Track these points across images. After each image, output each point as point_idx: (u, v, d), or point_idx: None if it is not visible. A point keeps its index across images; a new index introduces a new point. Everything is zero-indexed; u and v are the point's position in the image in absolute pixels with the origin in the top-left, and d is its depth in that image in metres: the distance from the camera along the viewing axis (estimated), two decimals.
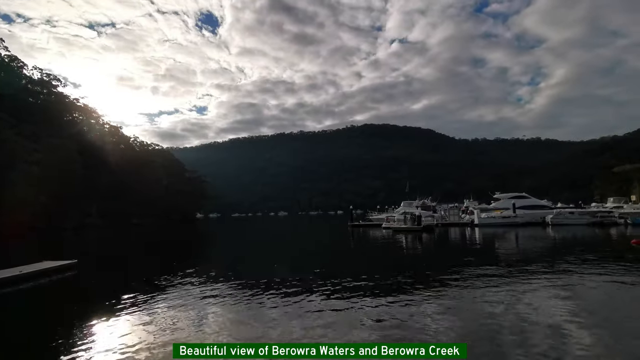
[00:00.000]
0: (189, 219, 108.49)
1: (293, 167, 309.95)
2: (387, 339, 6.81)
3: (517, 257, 18.60)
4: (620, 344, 6.46)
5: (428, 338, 6.80)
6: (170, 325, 8.10)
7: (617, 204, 54.91)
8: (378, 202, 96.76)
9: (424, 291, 10.80)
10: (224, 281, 13.30)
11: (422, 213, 42.92)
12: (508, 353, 6.06)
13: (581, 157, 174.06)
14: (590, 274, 12.82)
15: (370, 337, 6.95)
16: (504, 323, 7.70)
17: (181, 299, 10.69)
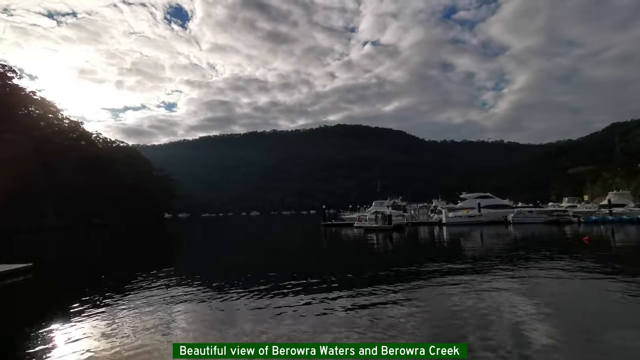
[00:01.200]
0: (156, 219, 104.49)
1: (266, 167, 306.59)
2: (360, 338, 6.86)
3: (481, 254, 19.39)
4: (570, 331, 6.90)
5: (400, 335, 6.94)
6: (133, 330, 7.73)
7: (571, 203, 58.67)
8: (350, 202, 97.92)
9: (393, 289, 10.99)
10: (190, 283, 12.89)
11: (392, 212, 43.81)
12: (473, 344, 6.28)
13: (540, 160, 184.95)
14: (546, 269, 13.61)
15: (341, 336, 6.98)
16: (470, 316, 8.01)
17: (145, 301, 10.25)
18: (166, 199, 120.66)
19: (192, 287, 12.22)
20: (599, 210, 45.72)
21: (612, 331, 7.05)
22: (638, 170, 74.72)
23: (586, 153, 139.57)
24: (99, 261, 22.67)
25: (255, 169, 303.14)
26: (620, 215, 41.28)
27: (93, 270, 18.53)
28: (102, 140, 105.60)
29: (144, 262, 20.78)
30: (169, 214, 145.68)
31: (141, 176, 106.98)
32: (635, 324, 7.43)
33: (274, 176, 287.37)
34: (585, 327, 7.30)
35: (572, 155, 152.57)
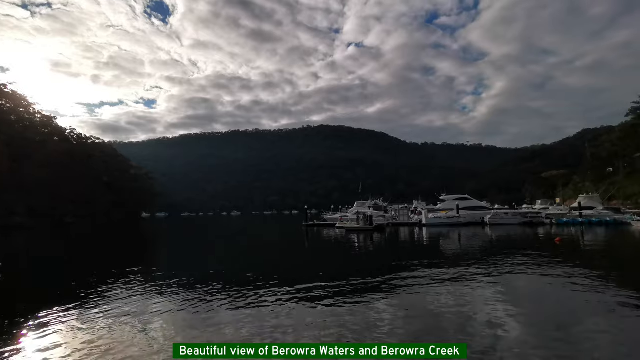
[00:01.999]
0: (132, 218, 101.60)
1: (248, 166, 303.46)
2: (340, 338, 6.95)
3: (460, 254, 19.91)
4: (541, 326, 7.22)
5: (380, 334, 7.07)
6: (106, 334, 7.53)
7: (544, 206, 60.95)
8: (333, 203, 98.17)
9: (374, 289, 11.16)
10: (165, 285, 12.65)
11: (373, 213, 44.30)
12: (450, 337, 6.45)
13: (515, 163, 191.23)
14: (520, 269, 14.14)
15: (320, 337, 7.06)
16: (448, 314, 8.26)
17: (121, 303, 10.01)
18: (144, 198, 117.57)
19: (168, 289, 12.01)
20: (569, 213, 47.71)
21: (580, 325, 7.46)
22: (606, 174, 78.52)
23: (559, 157, 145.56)
24: (67, 262, 21.87)
25: (237, 168, 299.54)
26: (590, 217, 43.21)
27: (60, 271, 17.88)
28: (76, 136, 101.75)
29: (110, 263, 20.19)
30: (146, 213, 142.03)
31: (118, 174, 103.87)
32: (600, 319, 7.85)
33: (256, 176, 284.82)
34: (555, 323, 7.64)
35: (545, 159, 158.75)
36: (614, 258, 18.72)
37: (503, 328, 7.29)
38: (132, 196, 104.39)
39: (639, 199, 56.06)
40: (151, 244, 36.37)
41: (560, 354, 6.03)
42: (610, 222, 40.55)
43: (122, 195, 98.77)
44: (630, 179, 67.92)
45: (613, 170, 77.41)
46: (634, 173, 68.38)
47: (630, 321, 7.76)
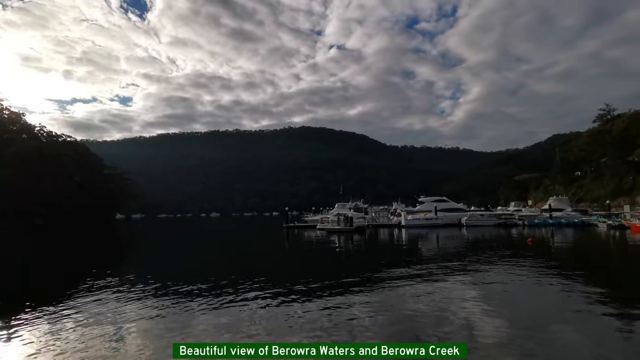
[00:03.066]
0: (106, 220, 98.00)
1: (228, 167, 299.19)
2: (320, 338, 6.91)
3: (437, 255, 20.29)
4: (514, 323, 7.44)
5: (360, 335, 7.09)
6: (80, 340, 7.19)
7: (517, 207, 63.12)
8: (314, 204, 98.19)
9: (354, 289, 11.19)
10: (142, 289, 12.24)
11: (354, 215, 44.62)
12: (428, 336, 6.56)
13: (490, 166, 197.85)
14: (495, 268, 14.57)
15: (302, 338, 7.00)
16: (427, 313, 8.40)
17: (92, 309, 9.60)
18: (118, 199, 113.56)
19: (141, 293, 11.63)
20: (540, 214, 49.66)
21: (551, 321, 7.73)
22: (575, 178, 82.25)
23: (531, 161, 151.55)
24: (34, 266, 20.83)
25: (217, 169, 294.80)
26: (559, 219, 45.14)
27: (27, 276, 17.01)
28: (46, 134, 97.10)
29: (80, 267, 19.40)
30: (121, 215, 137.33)
31: (90, 174, 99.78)
32: (570, 314, 8.19)
33: (236, 177, 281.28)
34: (528, 319, 7.91)
35: (519, 162, 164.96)
36: (581, 258, 19.60)
37: (478, 327, 7.46)
38: (105, 197, 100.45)
39: (604, 201, 58.99)
40: (124, 246, 35.18)
41: (528, 353, 6.21)
42: (578, 223, 42.47)
43: (95, 196, 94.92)
44: (597, 183, 71.46)
45: (581, 174, 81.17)
46: (600, 177, 71.97)
47: (594, 318, 8.11)
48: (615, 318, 8.06)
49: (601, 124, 79.36)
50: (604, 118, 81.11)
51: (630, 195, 58.63)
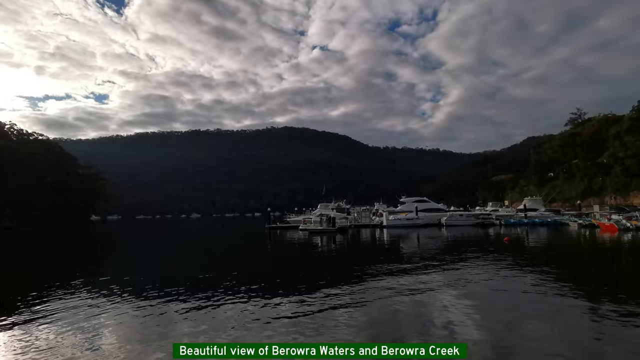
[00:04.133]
0: (80, 222, 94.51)
1: (209, 167, 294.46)
2: (302, 338, 6.88)
3: (418, 255, 20.60)
4: (491, 317, 7.66)
5: (341, 336, 7.09)
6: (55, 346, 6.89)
7: (494, 207, 64.90)
8: (296, 205, 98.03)
9: (336, 290, 11.21)
10: (117, 293, 11.88)
11: (336, 215, 44.77)
12: (408, 334, 6.70)
13: (469, 167, 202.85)
14: (473, 267, 14.94)
15: (286, 337, 6.95)
16: (407, 313, 8.52)
17: (67, 314, 9.24)
18: (93, 200, 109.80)
19: (117, 297, 11.29)
20: (516, 214, 51.30)
21: (525, 317, 8.02)
22: (548, 179, 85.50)
23: (507, 163, 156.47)
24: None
25: (198, 169, 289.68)
26: (534, 218, 46.77)
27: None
28: (16, 132, 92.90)
29: (50, 271, 18.66)
30: (96, 217, 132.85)
31: (63, 174, 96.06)
32: (544, 310, 8.48)
33: (218, 177, 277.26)
34: (504, 315, 8.17)
35: (496, 164, 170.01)
36: (554, 256, 20.36)
37: (456, 326, 7.62)
38: (79, 198, 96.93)
39: (575, 201, 61.58)
40: (98, 249, 34.02)
41: (505, 348, 6.40)
42: (551, 222, 44.13)
43: (69, 197, 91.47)
44: (568, 183, 74.52)
45: (554, 175, 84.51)
46: (571, 178, 75.10)
47: (565, 313, 8.44)
48: (585, 312, 8.43)
49: (572, 127, 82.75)
50: (575, 122, 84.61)
51: (600, 195, 61.46)
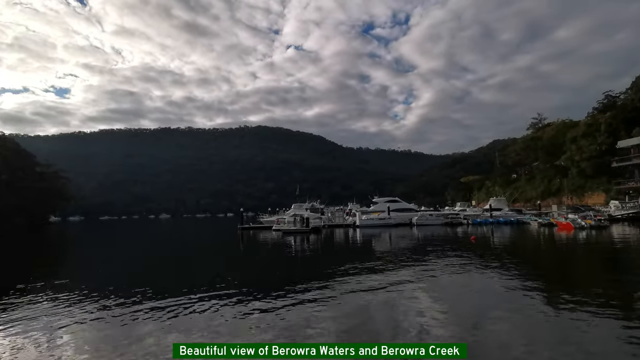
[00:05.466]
0: (38, 223, 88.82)
1: (179, 166, 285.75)
2: (275, 339, 6.80)
3: (390, 254, 21.01)
4: (459, 314, 7.94)
5: (315, 336, 7.08)
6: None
7: (462, 207, 67.48)
8: (270, 205, 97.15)
9: (309, 290, 11.20)
10: (78, 297, 11.26)
11: (310, 215, 44.78)
12: (382, 332, 6.80)
13: (440, 168, 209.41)
14: (442, 265, 15.41)
15: (257, 338, 6.84)
16: (379, 309, 8.64)
17: (23, 322, 8.62)
18: (53, 200, 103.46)
19: (78, 303, 10.69)
20: (482, 214, 53.51)
21: (492, 312, 8.36)
22: (511, 180, 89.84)
23: (474, 164, 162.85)
24: None
25: (167, 167, 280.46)
26: (498, 217, 48.93)
27: None
28: None
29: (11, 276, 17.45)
30: (56, 217, 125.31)
31: (19, 172, 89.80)
32: (508, 306, 8.89)
33: (189, 176, 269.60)
34: (471, 312, 8.46)
35: (464, 165, 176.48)
36: (516, 253, 21.41)
37: (428, 322, 7.83)
38: (38, 198, 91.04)
39: (536, 201, 65.10)
40: (57, 251, 32.11)
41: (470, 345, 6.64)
42: (514, 221, 46.35)
43: (25, 196, 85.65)
44: (530, 184, 78.68)
45: (517, 177, 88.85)
46: (532, 179, 79.31)
47: (526, 308, 8.89)
48: (544, 306, 8.90)
49: (534, 132, 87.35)
50: (536, 126, 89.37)
51: (558, 195, 65.29)
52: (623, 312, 8.18)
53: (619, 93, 67.11)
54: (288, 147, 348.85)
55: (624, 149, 43.22)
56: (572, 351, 6.17)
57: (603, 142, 55.75)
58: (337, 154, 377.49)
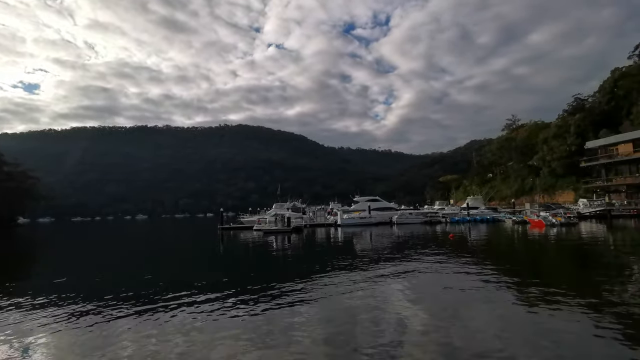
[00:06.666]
0: (4, 225, 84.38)
1: (157, 165, 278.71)
2: (256, 343, 6.73)
3: (371, 252, 21.20)
4: (436, 309, 8.09)
5: (297, 338, 7.06)
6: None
7: (441, 206, 69.08)
8: (251, 205, 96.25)
9: (290, 290, 11.16)
10: (47, 305, 10.78)
11: (292, 215, 44.63)
12: (361, 331, 6.83)
13: (419, 168, 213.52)
14: (422, 262, 15.70)
15: (237, 340, 6.76)
16: (360, 308, 8.67)
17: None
18: (21, 200, 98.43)
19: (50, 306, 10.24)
20: (460, 212, 54.91)
21: (469, 307, 8.57)
22: (488, 179, 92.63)
23: (452, 164, 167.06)
24: None
25: (145, 167, 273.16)
26: (475, 216, 50.37)
27: None
28: None
29: None
30: (24, 219, 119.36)
31: None
32: (485, 298, 9.15)
33: (167, 176, 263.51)
34: (451, 306, 8.65)
35: (443, 165, 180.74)
36: (491, 250, 22.07)
37: (407, 320, 7.95)
38: (5, 198, 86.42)
39: (510, 199, 67.38)
40: (25, 254, 30.62)
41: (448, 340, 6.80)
42: (490, 219, 47.82)
43: None
44: (505, 183, 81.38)
45: (492, 176, 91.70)
46: (507, 178, 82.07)
47: (501, 302, 9.19)
48: (517, 300, 9.21)
49: (508, 133, 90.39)
50: (511, 127, 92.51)
51: (530, 194, 67.83)
52: (590, 305, 8.57)
53: (588, 96, 70.51)
54: (269, 146, 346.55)
55: (592, 150, 45.38)
56: (543, 342, 6.41)
57: (572, 142, 58.39)
58: (319, 153, 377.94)
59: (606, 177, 42.85)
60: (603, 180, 43.32)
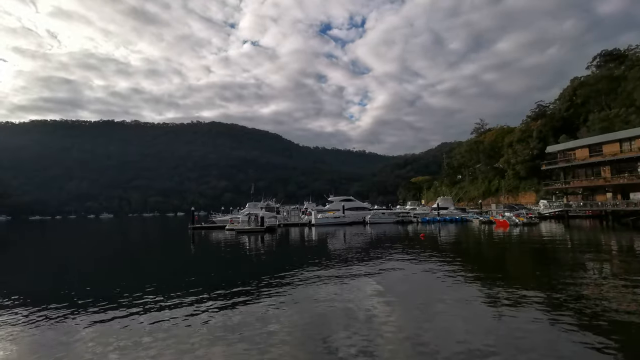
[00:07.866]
0: None
1: (124, 162, 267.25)
2: (230, 344, 6.58)
3: (344, 252, 21.34)
4: (406, 305, 8.27)
5: (272, 339, 6.97)
6: None
7: (412, 206, 70.76)
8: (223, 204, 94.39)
9: (263, 291, 11.03)
10: (7, 306, 10.06)
11: (265, 214, 44.21)
12: (334, 330, 6.87)
13: (392, 169, 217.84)
14: (393, 261, 16.02)
15: (212, 344, 6.58)
16: (334, 307, 8.72)
17: None
18: None
19: (7, 310, 9.57)
20: (431, 212, 56.52)
21: (438, 303, 8.80)
22: (457, 180, 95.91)
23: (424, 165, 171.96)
24: None
25: (110, 164, 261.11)
26: (445, 216, 52.01)
27: None
28: None
29: None
30: None
31: None
32: (453, 295, 9.45)
33: (135, 173, 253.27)
34: (419, 301, 8.87)
35: (415, 166, 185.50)
36: (459, 249, 22.85)
37: (379, 319, 8.06)
38: None
39: (478, 200, 70.16)
40: None
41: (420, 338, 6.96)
42: (458, 219, 49.53)
43: None
44: (473, 185, 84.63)
45: (461, 177, 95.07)
46: (475, 180, 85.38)
47: (468, 299, 9.53)
48: (484, 297, 9.58)
49: (476, 136, 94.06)
50: (479, 131, 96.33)
51: (496, 195, 70.92)
52: (550, 300, 9.07)
53: (549, 103, 74.78)
54: (243, 144, 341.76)
55: (552, 154, 48.04)
56: (505, 335, 6.71)
57: (534, 147, 61.65)
58: (294, 152, 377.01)
59: (564, 180, 45.49)
60: (562, 182, 45.93)
